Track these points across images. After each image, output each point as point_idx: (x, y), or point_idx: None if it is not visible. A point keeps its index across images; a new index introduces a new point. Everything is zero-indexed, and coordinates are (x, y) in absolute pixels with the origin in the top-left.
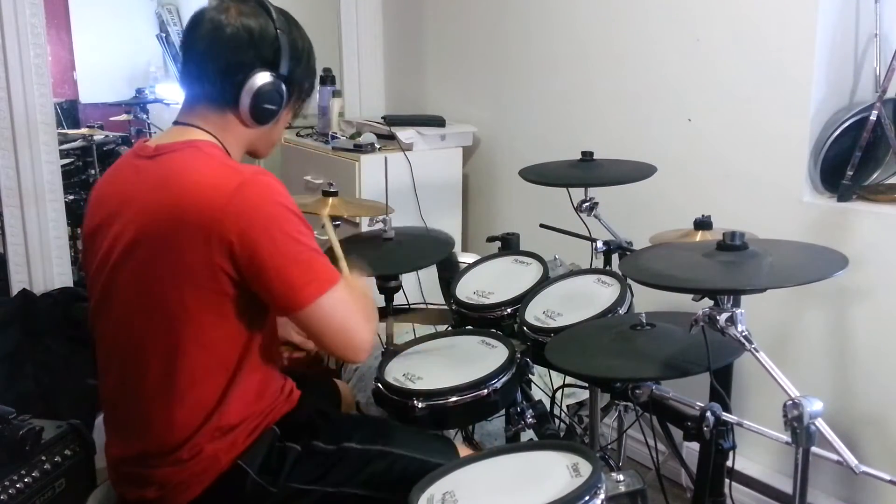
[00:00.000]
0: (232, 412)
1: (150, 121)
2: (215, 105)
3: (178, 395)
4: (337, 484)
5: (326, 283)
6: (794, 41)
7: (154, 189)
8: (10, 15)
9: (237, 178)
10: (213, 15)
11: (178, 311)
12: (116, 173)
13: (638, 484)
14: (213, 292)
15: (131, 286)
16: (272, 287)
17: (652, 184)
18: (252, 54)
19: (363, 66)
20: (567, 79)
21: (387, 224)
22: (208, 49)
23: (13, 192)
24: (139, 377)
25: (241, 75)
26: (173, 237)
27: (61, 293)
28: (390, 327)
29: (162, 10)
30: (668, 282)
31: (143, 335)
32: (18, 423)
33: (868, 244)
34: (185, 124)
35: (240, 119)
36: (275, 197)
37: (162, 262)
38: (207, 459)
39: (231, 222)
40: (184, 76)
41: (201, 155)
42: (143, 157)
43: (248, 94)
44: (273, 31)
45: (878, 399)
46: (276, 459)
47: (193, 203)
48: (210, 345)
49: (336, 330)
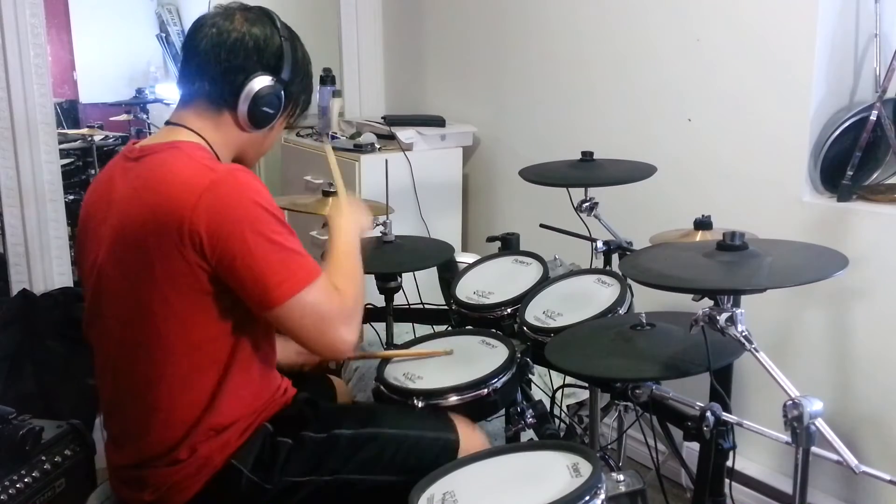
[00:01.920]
0: (225, 412)
1: (150, 121)
2: (213, 104)
3: (169, 396)
4: (332, 472)
5: (300, 281)
6: (794, 41)
7: (134, 191)
8: (10, 15)
9: (210, 175)
10: (217, 21)
11: (163, 312)
12: (105, 176)
13: (638, 484)
14: (193, 291)
15: (117, 290)
16: (244, 285)
17: (652, 184)
18: (255, 59)
19: (363, 66)
20: (567, 79)
21: (387, 227)
22: (211, 51)
23: (13, 192)
24: (131, 381)
25: (242, 76)
26: (150, 237)
27: (61, 293)
28: (390, 327)
29: (162, 10)
30: (668, 282)
31: (132, 339)
32: (18, 423)
33: (868, 244)
34: (175, 124)
35: (236, 121)
36: (248, 195)
37: (142, 263)
38: (201, 460)
39: (200, 218)
40: (183, 76)
41: (181, 155)
42: (129, 159)
43: (247, 95)
44: (278, 40)
45: (878, 399)
46: (269, 455)
47: (166, 201)
48: (198, 345)
49: (311, 329)
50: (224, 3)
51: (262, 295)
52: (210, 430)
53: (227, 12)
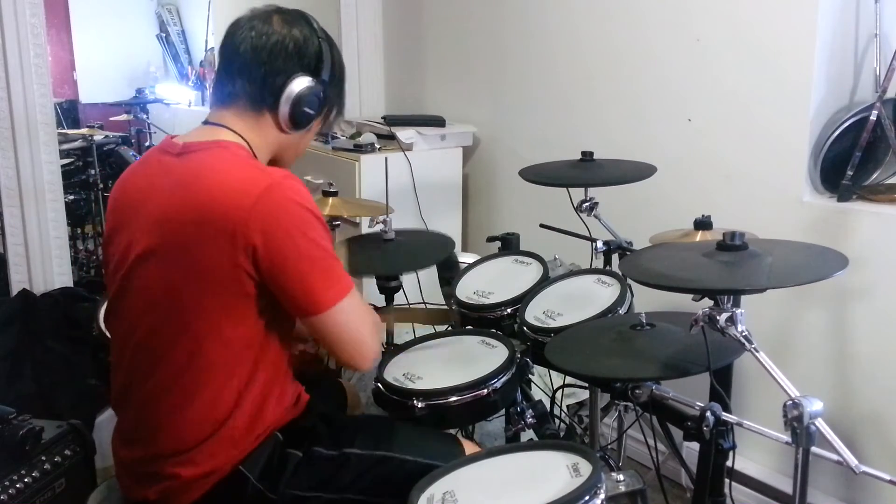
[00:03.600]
0: (244, 417)
1: (150, 121)
2: (253, 105)
3: (189, 396)
4: (339, 490)
5: (344, 289)
6: (794, 41)
7: (178, 187)
8: (10, 15)
9: (265, 180)
10: (255, 23)
11: (197, 311)
12: (142, 168)
13: (638, 484)
14: (234, 294)
15: (150, 284)
16: (293, 290)
17: (652, 184)
18: (296, 60)
19: (363, 66)
20: (567, 79)
21: (387, 225)
22: (251, 53)
23: (13, 192)
24: (151, 375)
25: (283, 77)
26: (195, 237)
27: (61, 293)
28: (390, 326)
29: (162, 10)
30: (668, 282)
31: (158, 335)
32: (18, 423)
33: (868, 244)
34: (214, 124)
35: (276, 122)
36: (301, 201)
37: (183, 261)
38: (212, 463)
39: (256, 224)
40: (221, 77)
41: (228, 155)
42: (169, 154)
43: (288, 96)
44: (317, 41)
45: (878, 399)
46: (277, 465)
47: (219, 203)
48: (227, 347)
49: (349, 336)
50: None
51: (311, 299)
52: (226, 434)
53: (264, 15)
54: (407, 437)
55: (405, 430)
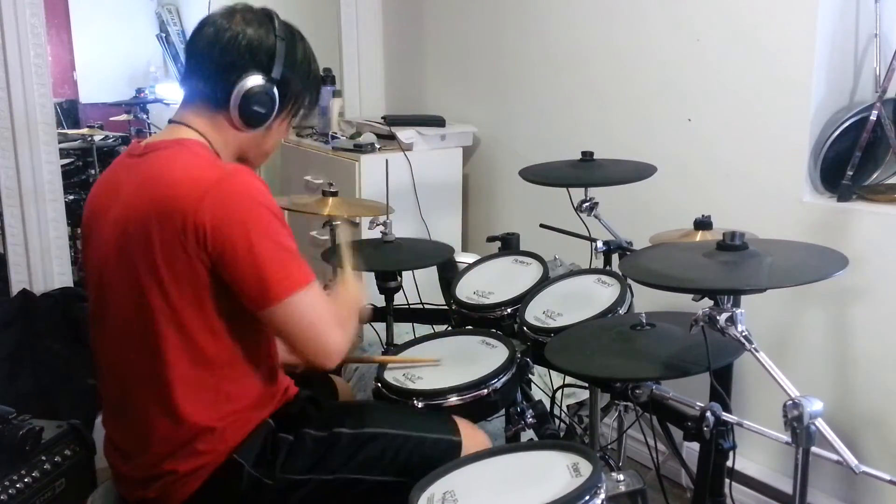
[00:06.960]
0: (227, 408)
1: (150, 121)
2: (209, 104)
3: (172, 395)
4: (332, 471)
5: (297, 282)
6: (794, 41)
7: (138, 186)
8: (10, 15)
9: (218, 172)
10: (217, 19)
11: (162, 306)
12: (110, 174)
13: (638, 484)
14: (192, 284)
15: (119, 285)
16: (242, 282)
17: (652, 184)
18: (248, 57)
19: (363, 66)
20: (567, 79)
21: (387, 227)
22: (207, 49)
23: (13, 192)
24: (133, 380)
25: (234, 75)
26: (153, 228)
27: (61, 293)
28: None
29: (162, 10)
30: (668, 282)
31: (134, 335)
32: (18, 423)
33: (868, 244)
34: (178, 122)
35: (230, 121)
36: (254, 195)
37: (144, 255)
38: (203, 455)
39: (206, 211)
40: (183, 75)
41: (186, 152)
42: (133, 156)
43: (238, 94)
44: (272, 39)
45: (878, 399)
46: (270, 451)
47: (171, 193)
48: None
49: (305, 332)
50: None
51: (261, 291)
52: (212, 426)
53: (229, 12)
54: (397, 414)
55: (394, 409)
